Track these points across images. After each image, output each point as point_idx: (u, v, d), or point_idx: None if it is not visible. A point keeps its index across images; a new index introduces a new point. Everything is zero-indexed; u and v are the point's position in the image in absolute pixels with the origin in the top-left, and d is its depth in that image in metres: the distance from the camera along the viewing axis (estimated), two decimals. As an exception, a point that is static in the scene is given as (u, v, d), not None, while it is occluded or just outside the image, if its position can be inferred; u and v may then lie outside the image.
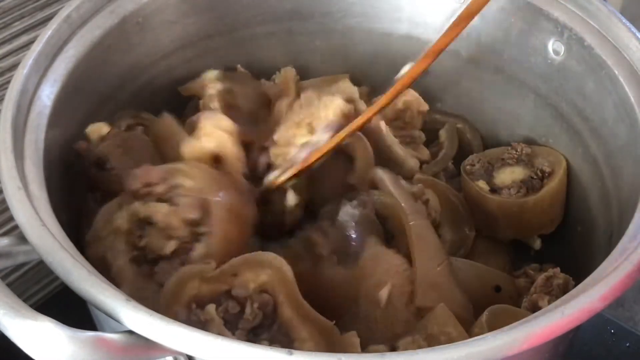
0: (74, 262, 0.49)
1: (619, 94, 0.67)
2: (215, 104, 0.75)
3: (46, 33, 0.65)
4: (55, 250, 0.50)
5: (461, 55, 0.83)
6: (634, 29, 0.68)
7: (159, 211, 0.62)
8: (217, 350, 0.44)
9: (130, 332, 0.46)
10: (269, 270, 0.59)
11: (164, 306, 0.57)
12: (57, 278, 0.49)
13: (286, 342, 0.57)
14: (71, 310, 0.53)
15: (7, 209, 0.53)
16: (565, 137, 0.76)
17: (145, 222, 0.63)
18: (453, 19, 0.66)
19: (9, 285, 0.47)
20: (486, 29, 0.80)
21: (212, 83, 0.76)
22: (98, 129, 0.69)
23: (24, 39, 0.79)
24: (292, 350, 0.44)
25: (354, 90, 0.80)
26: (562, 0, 0.73)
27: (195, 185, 0.64)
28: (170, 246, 0.62)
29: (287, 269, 0.59)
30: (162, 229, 0.62)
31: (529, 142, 0.81)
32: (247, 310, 0.58)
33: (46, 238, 0.51)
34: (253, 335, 0.57)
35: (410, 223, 0.67)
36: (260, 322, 0.58)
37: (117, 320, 0.46)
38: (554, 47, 0.74)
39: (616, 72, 0.67)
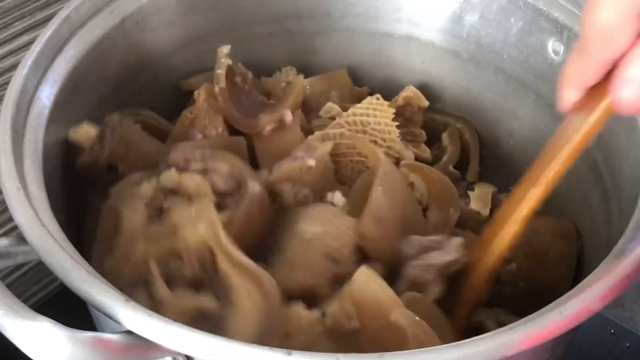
0: (73, 262, 0.49)
1: (619, 94, 0.67)
2: (222, 81, 0.75)
3: (46, 33, 0.65)
4: (55, 251, 0.50)
5: (461, 55, 0.83)
6: (633, 29, 0.68)
7: (192, 179, 0.65)
8: (216, 351, 0.44)
9: (129, 333, 0.46)
10: (203, 224, 0.60)
11: (118, 271, 0.59)
12: (56, 278, 0.49)
13: (224, 295, 0.57)
14: (71, 310, 0.53)
15: (6, 209, 0.53)
16: (565, 137, 0.76)
17: (172, 193, 0.65)
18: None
19: (8, 285, 0.46)
20: (486, 29, 0.80)
21: (224, 58, 0.76)
22: (86, 133, 0.68)
23: (23, 39, 0.79)
24: (291, 351, 0.44)
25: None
26: (561, 1, 0.73)
27: (232, 170, 0.66)
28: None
29: (216, 220, 0.60)
30: (188, 196, 0.64)
31: (529, 142, 0.81)
32: (186, 266, 0.59)
33: (45, 238, 0.51)
34: (195, 290, 0.58)
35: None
36: (201, 277, 0.59)
37: (116, 321, 0.46)
38: (554, 47, 0.74)
39: (616, 72, 0.67)
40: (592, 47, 0.49)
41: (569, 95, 0.54)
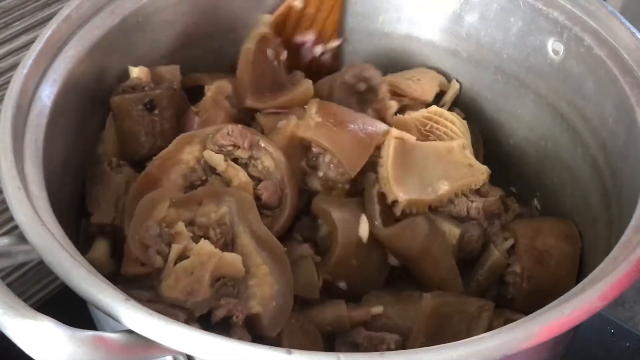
0: (73, 261, 0.49)
1: (619, 94, 0.67)
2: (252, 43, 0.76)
3: (46, 33, 0.65)
4: (55, 250, 0.50)
5: (461, 55, 0.83)
6: (633, 29, 0.68)
7: (238, 175, 0.67)
8: (216, 350, 0.45)
9: (130, 332, 0.46)
10: (229, 201, 0.64)
11: (137, 221, 0.61)
12: (57, 278, 0.49)
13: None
14: (71, 310, 0.53)
15: (7, 208, 0.53)
16: (565, 136, 0.76)
17: (211, 169, 0.68)
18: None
19: (9, 285, 0.47)
20: (486, 29, 0.80)
21: (262, 26, 0.78)
22: (142, 73, 0.73)
23: (24, 39, 0.79)
24: (291, 350, 0.44)
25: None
26: (561, 0, 0.73)
27: (275, 171, 0.69)
28: None
29: (248, 199, 0.64)
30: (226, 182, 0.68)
31: (529, 142, 0.81)
32: (211, 233, 0.62)
33: (46, 237, 0.51)
34: None
35: None
36: (222, 249, 0.61)
37: (117, 320, 0.46)
38: (554, 47, 0.75)
39: (616, 72, 0.67)
40: None
41: None
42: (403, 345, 0.63)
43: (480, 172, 0.73)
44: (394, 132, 0.71)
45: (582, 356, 0.83)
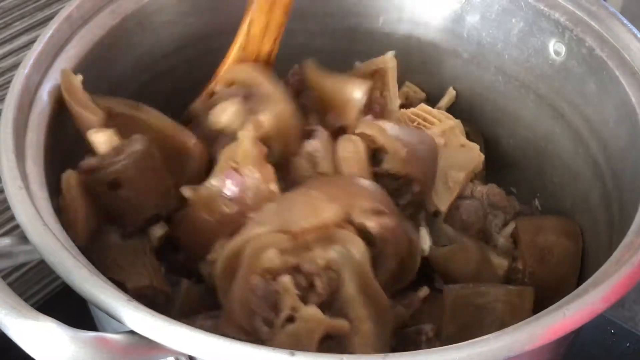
0: (75, 261, 0.49)
1: (620, 95, 0.67)
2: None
3: (47, 33, 0.65)
4: (57, 250, 0.50)
5: (461, 55, 0.83)
6: (634, 30, 0.68)
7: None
8: (219, 351, 0.45)
9: (132, 333, 0.46)
10: (338, 247, 0.58)
11: (242, 277, 0.56)
12: (58, 278, 0.49)
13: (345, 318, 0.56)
14: (72, 310, 0.53)
15: (8, 208, 0.53)
16: (566, 137, 0.76)
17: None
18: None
19: (9, 284, 0.46)
20: (487, 29, 0.80)
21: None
22: (107, 139, 0.62)
23: (24, 38, 0.79)
24: (294, 352, 0.44)
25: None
26: (563, 1, 0.73)
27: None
28: None
29: (360, 244, 0.59)
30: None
31: (530, 142, 0.81)
32: (318, 284, 0.56)
33: (47, 238, 0.51)
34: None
35: None
36: (327, 297, 0.57)
37: (119, 321, 0.46)
38: (555, 48, 0.75)
39: (617, 73, 0.68)
40: None
41: None
42: (437, 335, 0.62)
43: (477, 154, 0.76)
44: (441, 141, 0.73)
45: (583, 356, 0.83)
